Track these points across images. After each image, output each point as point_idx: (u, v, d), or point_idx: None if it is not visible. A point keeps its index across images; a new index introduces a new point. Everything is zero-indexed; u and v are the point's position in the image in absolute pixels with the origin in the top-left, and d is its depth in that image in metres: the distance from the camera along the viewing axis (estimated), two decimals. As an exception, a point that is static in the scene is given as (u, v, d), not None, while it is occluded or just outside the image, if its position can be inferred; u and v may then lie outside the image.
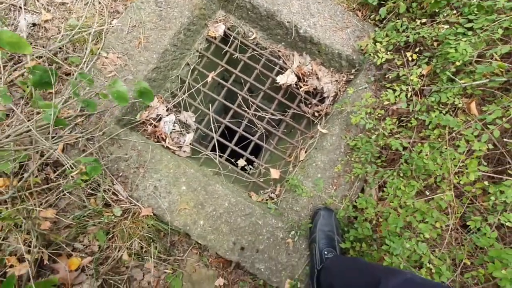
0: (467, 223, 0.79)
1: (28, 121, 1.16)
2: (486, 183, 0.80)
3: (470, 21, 1.01)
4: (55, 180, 1.09)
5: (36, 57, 1.18)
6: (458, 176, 0.86)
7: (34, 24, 1.31)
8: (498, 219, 0.78)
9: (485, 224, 0.79)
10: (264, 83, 1.55)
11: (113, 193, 1.13)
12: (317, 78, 1.54)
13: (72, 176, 0.83)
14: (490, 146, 0.88)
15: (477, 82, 0.94)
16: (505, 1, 0.96)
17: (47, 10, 1.34)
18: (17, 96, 1.22)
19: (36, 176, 1.12)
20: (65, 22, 1.31)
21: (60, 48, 1.22)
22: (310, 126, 1.52)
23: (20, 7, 1.31)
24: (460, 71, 1.02)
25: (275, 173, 1.41)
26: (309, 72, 1.54)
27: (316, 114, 1.51)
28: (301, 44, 1.48)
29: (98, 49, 1.25)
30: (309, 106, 1.54)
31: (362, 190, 1.26)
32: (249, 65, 1.55)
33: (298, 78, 1.54)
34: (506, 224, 0.78)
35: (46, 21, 1.31)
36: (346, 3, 1.49)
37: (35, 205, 1.08)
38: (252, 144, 1.49)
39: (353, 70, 1.44)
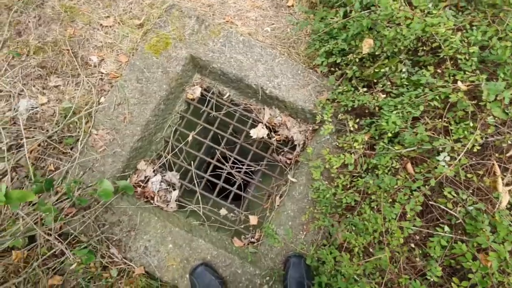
0: (399, 280, 0.95)
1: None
2: (412, 245, 0.96)
3: (401, 93, 1.18)
4: (60, 256, 1.26)
5: (37, 144, 1.37)
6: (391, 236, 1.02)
7: (32, 107, 1.50)
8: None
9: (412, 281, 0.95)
10: (240, 136, 1.72)
11: (109, 257, 1.31)
12: (287, 128, 1.71)
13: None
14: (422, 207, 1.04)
15: (408, 149, 1.10)
16: (429, 77, 1.13)
17: (42, 93, 1.53)
18: (22, 175, 1.40)
19: (43, 247, 1.30)
20: (60, 103, 1.50)
21: (55, 131, 1.41)
22: (283, 173, 1.69)
23: (19, 94, 1.51)
24: (397, 136, 1.19)
25: (253, 220, 1.58)
26: (279, 123, 1.72)
27: (288, 161, 1.68)
28: (269, 100, 1.66)
29: (89, 127, 1.44)
30: (282, 154, 1.71)
31: (330, 235, 1.42)
32: (225, 121, 1.72)
33: (270, 129, 1.72)
34: (432, 279, 0.93)
35: (42, 104, 1.51)
36: (307, 62, 1.67)
37: (43, 272, 1.26)
38: (232, 193, 1.66)
39: (317, 121, 1.61)
